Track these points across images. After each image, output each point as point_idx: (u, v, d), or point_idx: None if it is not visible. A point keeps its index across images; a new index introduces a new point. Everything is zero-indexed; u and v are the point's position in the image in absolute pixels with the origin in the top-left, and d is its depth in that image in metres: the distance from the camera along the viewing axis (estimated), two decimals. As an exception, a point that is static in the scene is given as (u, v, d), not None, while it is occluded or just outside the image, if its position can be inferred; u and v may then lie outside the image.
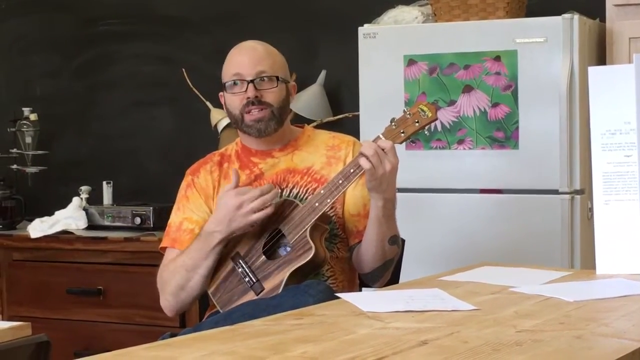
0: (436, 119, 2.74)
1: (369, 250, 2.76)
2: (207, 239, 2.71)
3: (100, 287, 4.40)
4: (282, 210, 2.73)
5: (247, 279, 2.71)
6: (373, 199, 2.68)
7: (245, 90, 2.80)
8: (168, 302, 2.82)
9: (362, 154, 2.62)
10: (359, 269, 2.84)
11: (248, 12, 4.81)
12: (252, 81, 2.80)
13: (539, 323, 1.88)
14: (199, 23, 4.92)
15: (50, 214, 4.65)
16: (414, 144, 3.77)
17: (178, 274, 2.76)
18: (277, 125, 2.84)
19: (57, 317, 4.45)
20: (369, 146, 2.62)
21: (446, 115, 3.77)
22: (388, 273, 2.85)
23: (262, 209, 2.65)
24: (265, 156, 2.88)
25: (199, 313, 3.06)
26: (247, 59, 2.83)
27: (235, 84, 2.82)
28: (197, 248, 2.73)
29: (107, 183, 4.79)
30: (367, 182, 2.65)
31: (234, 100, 2.83)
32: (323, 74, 4.57)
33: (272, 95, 2.83)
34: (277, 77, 2.84)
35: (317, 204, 2.68)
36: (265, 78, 2.82)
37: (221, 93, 2.91)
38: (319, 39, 4.70)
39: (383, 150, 2.61)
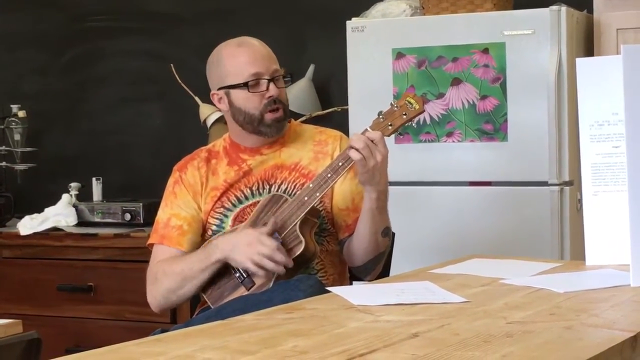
0: (424, 111, 2.74)
1: (361, 244, 2.76)
2: (209, 251, 2.71)
3: (90, 284, 4.40)
4: (272, 205, 2.73)
5: (237, 275, 2.71)
6: (367, 192, 2.68)
7: (267, 89, 2.79)
8: (156, 300, 2.82)
9: (352, 147, 2.62)
10: (351, 262, 2.84)
11: (236, 7, 4.80)
12: (272, 80, 2.79)
13: (529, 314, 1.89)
14: (187, 18, 4.91)
15: (40, 211, 4.65)
16: (402, 137, 3.77)
17: (173, 279, 2.76)
18: (287, 122, 2.86)
19: (47, 314, 4.45)
20: (358, 138, 2.62)
21: (435, 108, 3.77)
22: (380, 266, 2.85)
23: (261, 267, 2.63)
24: (254, 153, 2.88)
25: (189, 309, 3.05)
26: (259, 57, 2.81)
27: (256, 84, 2.79)
28: (199, 259, 2.73)
29: (97, 179, 4.78)
30: (359, 176, 2.65)
31: (253, 100, 2.80)
32: (312, 68, 4.57)
33: (284, 94, 2.85)
34: (290, 75, 2.85)
35: (306, 198, 2.68)
36: (279, 77, 2.82)
37: (215, 92, 2.88)
38: (307, 33, 4.69)
39: (372, 141, 2.62)
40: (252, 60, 2.80)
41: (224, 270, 2.73)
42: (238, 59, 2.81)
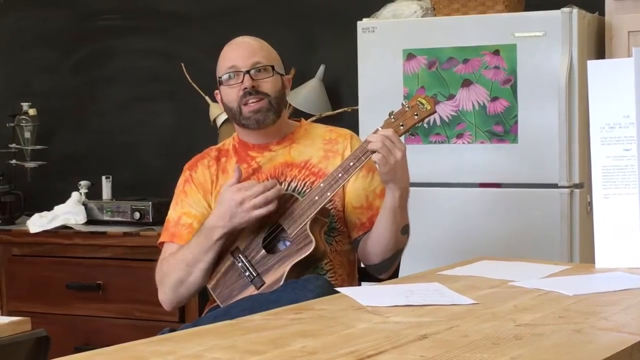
0: (435, 112, 2.74)
1: (381, 241, 2.76)
2: (208, 233, 2.71)
3: (99, 282, 4.40)
4: (282, 204, 2.73)
5: (247, 274, 2.71)
6: (390, 190, 2.68)
7: (242, 82, 2.80)
8: (167, 295, 2.82)
9: (371, 150, 2.62)
10: (367, 260, 2.84)
11: (247, 6, 4.81)
12: (247, 72, 2.80)
13: (538, 317, 1.88)
14: (198, 17, 4.92)
15: (50, 209, 4.66)
16: (413, 137, 3.76)
17: (178, 268, 2.76)
18: (275, 116, 2.83)
19: (56, 312, 4.46)
20: (374, 139, 2.62)
21: (445, 110, 3.77)
22: (396, 263, 2.86)
23: (265, 206, 2.65)
24: (262, 150, 2.88)
25: (198, 308, 3.06)
26: (241, 51, 2.83)
27: (230, 76, 2.81)
28: (198, 242, 2.73)
29: (106, 178, 4.79)
30: (381, 175, 2.66)
31: (230, 93, 2.82)
32: (322, 68, 4.57)
33: (268, 84, 2.82)
34: (273, 67, 2.84)
35: (316, 198, 2.68)
36: (260, 68, 2.81)
37: (217, 91, 2.91)
38: (318, 34, 4.69)
39: (388, 139, 2.62)
40: (230, 56, 2.83)
41: (233, 268, 2.73)
42: (222, 57, 2.86)
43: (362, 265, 2.94)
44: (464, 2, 3.88)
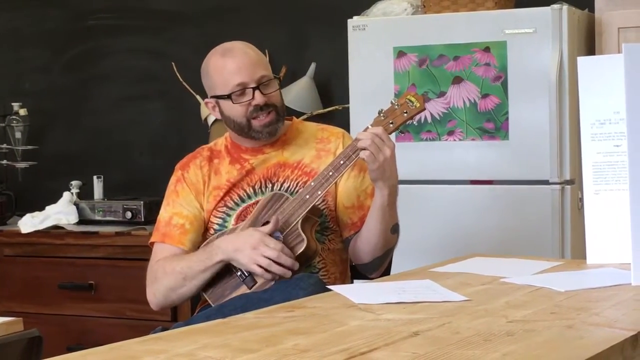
0: (424, 109, 2.75)
1: (371, 240, 2.76)
2: (211, 252, 2.70)
3: (91, 282, 4.40)
4: (273, 203, 2.73)
5: (239, 273, 2.70)
6: (378, 188, 2.68)
7: (252, 97, 2.78)
8: (156, 297, 2.81)
9: (360, 147, 2.62)
10: (358, 259, 2.84)
11: (238, 5, 4.80)
12: (257, 88, 2.78)
13: (530, 313, 1.89)
14: (189, 17, 4.91)
15: (41, 209, 4.65)
16: (403, 135, 3.77)
17: (173, 277, 2.75)
18: (282, 123, 2.85)
19: (48, 312, 4.45)
20: (363, 136, 2.63)
21: (436, 107, 3.77)
22: (387, 262, 2.86)
23: (269, 271, 2.62)
24: (256, 152, 2.88)
25: (190, 307, 3.06)
26: (244, 65, 2.78)
27: (242, 93, 2.79)
28: (200, 259, 2.72)
29: (98, 177, 4.78)
30: (370, 173, 2.66)
31: (238, 109, 2.79)
32: (313, 66, 4.57)
33: (275, 96, 2.82)
34: (278, 78, 2.84)
35: (307, 196, 2.68)
36: (267, 82, 2.81)
37: (208, 100, 2.88)
38: (309, 32, 4.69)
39: (378, 136, 2.62)
40: (235, 71, 2.78)
41: (225, 268, 2.72)
42: (222, 70, 2.80)
43: (354, 264, 2.94)
44: (454, -1, 3.89)
